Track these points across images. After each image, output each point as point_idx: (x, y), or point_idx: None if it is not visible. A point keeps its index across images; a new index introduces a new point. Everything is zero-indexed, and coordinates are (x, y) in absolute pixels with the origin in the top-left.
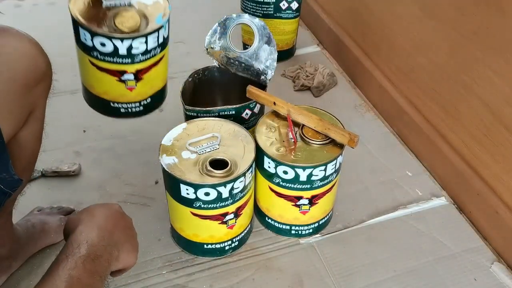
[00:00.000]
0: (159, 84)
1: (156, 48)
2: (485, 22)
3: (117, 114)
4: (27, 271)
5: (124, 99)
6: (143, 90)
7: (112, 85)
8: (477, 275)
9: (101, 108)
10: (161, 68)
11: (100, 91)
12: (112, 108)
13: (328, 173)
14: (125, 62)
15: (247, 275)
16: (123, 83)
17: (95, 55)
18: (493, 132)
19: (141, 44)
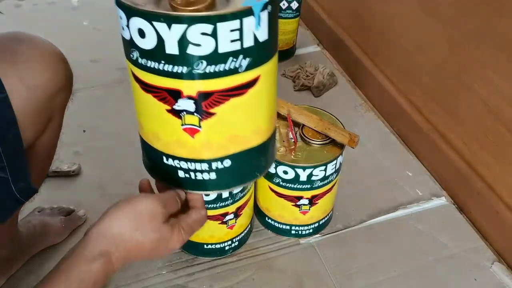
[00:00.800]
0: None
1: (333, 174)
2: (486, 21)
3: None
4: (27, 271)
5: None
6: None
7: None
8: (477, 275)
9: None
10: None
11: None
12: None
13: (328, 173)
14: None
15: (247, 275)
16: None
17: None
18: (493, 132)
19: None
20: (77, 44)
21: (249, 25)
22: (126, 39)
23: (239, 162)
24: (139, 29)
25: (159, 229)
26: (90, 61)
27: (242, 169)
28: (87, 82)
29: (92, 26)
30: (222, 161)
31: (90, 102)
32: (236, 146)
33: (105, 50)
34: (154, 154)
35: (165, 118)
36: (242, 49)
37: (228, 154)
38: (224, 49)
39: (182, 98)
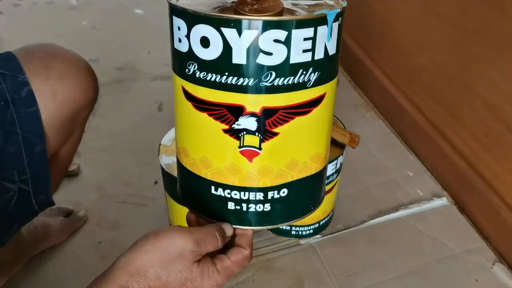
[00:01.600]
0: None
1: (334, 174)
2: (487, 21)
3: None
4: (27, 272)
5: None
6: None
7: None
8: (478, 276)
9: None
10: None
11: None
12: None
13: (329, 173)
14: None
15: (247, 276)
16: None
17: None
18: (494, 132)
19: None
20: (76, 44)
21: (322, 35)
22: (182, 52)
23: (296, 192)
24: (203, 37)
25: (188, 269)
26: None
27: (298, 200)
28: None
29: (91, 25)
30: (280, 190)
31: None
32: (294, 173)
33: (104, 50)
34: (200, 185)
35: (221, 140)
36: (312, 61)
37: (285, 182)
38: (296, 59)
39: (244, 116)
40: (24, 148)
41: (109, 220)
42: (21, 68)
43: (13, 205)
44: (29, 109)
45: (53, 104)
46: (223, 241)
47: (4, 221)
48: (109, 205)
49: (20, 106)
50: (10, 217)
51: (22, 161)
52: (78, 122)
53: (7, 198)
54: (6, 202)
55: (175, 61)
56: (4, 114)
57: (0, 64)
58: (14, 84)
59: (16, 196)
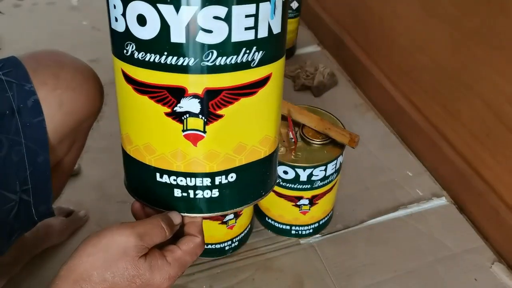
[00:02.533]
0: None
1: (333, 174)
2: (487, 21)
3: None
4: (28, 272)
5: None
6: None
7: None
8: (478, 276)
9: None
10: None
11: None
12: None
13: (329, 173)
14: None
15: (247, 275)
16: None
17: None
18: (494, 132)
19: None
20: (77, 44)
21: (264, 12)
22: (119, 32)
23: (246, 177)
24: (139, 15)
25: (134, 266)
26: (89, 61)
27: (248, 185)
28: None
29: (92, 25)
30: (227, 174)
31: None
32: (242, 157)
33: (105, 50)
34: (144, 172)
35: (163, 123)
36: (256, 40)
37: (233, 167)
38: (238, 37)
39: (186, 97)
40: (27, 158)
41: (109, 220)
42: (28, 76)
43: (13, 216)
44: (35, 119)
45: (59, 114)
46: (171, 231)
47: (4, 231)
48: (109, 205)
49: (26, 116)
50: (10, 227)
51: (24, 171)
52: (82, 132)
53: (8, 208)
54: (6, 213)
55: (113, 42)
56: (9, 123)
57: (7, 71)
58: (20, 93)
59: (16, 207)
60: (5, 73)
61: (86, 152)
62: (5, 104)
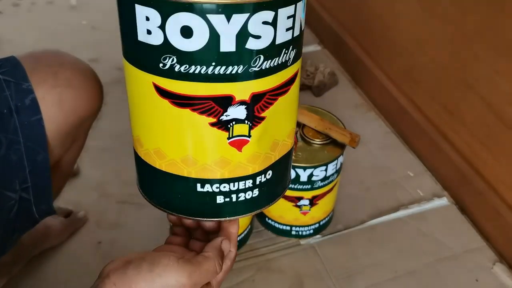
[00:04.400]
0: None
1: (334, 174)
2: (487, 21)
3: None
4: (27, 272)
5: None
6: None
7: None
8: (479, 276)
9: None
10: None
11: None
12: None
13: (329, 173)
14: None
15: (247, 276)
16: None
17: None
18: (495, 132)
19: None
20: (76, 44)
21: (299, 11)
22: (154, 45)
23: (278, 171)
24: (184, 27)
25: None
26: (89, 60)
27: (279, 178)
28: None
29: (91, 25)
30: (266, 173)
31: None
32: (276, 153)
33: (104, 50)
34: (182, 186)
35: (207, 134)
36: (292, 39)
37: (270, 164)
38: (281, 39)
39: (233, 105)
40: (26, 156)
41: (109, 220)
42: (25, 75)
43: (14, 214)
44: (32, 117)
45: (59, 113)
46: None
47: (5, 230)
48: (109, 205)
49: (23, 115)
50: (11, 226)
51: (23, 169)
52: (82, 131)
53: (8, 207)
54: (7, 211)
55: (141, 55)
56: (7, 122)
57: (5, 70)
58: (18, 92)
59: (17, 205)
60: (3, 72)
61: (86, 152)
62: (3, 103)
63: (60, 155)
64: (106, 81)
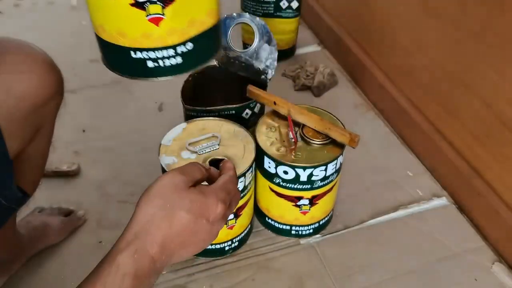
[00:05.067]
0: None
1: (333, 174)
2: (487, 21)
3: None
4: (27, 271)
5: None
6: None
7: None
8: (478, 276)
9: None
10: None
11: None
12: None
13: (329, 173)
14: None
15: (247, 276)
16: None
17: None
18: (494, 132)
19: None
20: (76, 44)
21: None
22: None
23: (199, 44)
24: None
25: (187, 194)
26: (90, 61)
27: (202, 49)
28: (86, 82)
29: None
30: (185, 44)
31: (90, 102)
32: (195, 29)
33: None
34: (121, 52)
35: (130, 12)
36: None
37: (190, 37)
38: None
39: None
40: None
41: (109, 220)
42: None
43: None
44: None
45: (9, 100)
46: (206, 170)
47: None
48: (109, 204)
49: None
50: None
51: None
52: (44, 117)
53: None
54: None
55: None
56: None
57: None
58: None
59: None
60: None
61: (86, 152)
62: None
63: (24, 143)
64: (106, 81)
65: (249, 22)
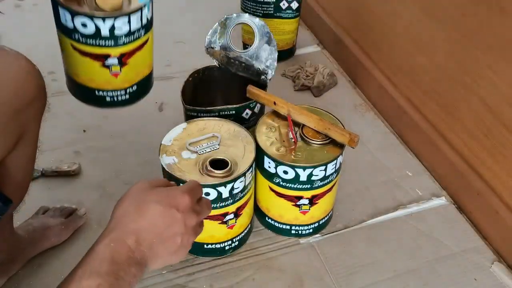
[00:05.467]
0: (145, 70)
1: (140, 30)
2: (486, 22)
3: (102, 104)
4: (27, 272)
5: (110, 86)
6: (128, 77)
7: (96, 71)
8: (477, 275)
9: (86, 97)
10: (146, 53)
11: (84, 79)
12: (97, 97)
13: (328, 173)
14: (108, 44)
15: (247, 275)
16: (107, 68)
17: (77, 38)
18: (493, 132)
19: (124, 24)
20: None
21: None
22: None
23: (140, 85)
24: (83, 23)
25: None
26: None
27: (142, 89)
28: None
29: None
30: (132, 87)
31: None
32: (139, 77)
33: None
34: (88, 90)
35: (98, 69)
36: (141, 26)
37: (135, 82)
38: (133, 28)
39: (111, 57)
40: None
41: None
42: None
43: None
44: None
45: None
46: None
47: None
48: (110, 204)
49: None
50: None
51: None
52: (26, 123)
53: None
54: None
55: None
56: None
57: None
58: None
59: None
60: None
61: (86, 152)
62: None
63: (5, 148)
64: None
65: (249, 22)
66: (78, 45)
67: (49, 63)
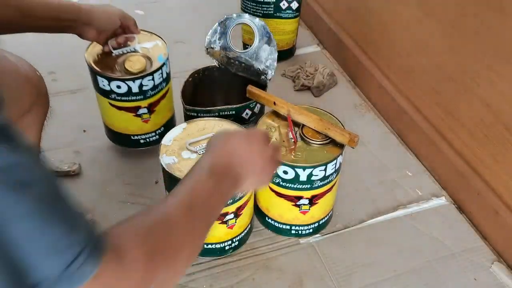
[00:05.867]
0: (168, 113)
1: (162, 83)
2: (486, 22)
3: (138, 146)
4: None
5: (142, 131)
6: (156, 121)
7: (131, 120)
8: (477, 275)
9: (123, 142)
10: (168, 100)
11: (121, 127)
12: (133, 141)
13: (328, 173)
14: (138, 98)
15: (247, 275)
16: (139, 117)
17: (113, 97)
18: (493, 132)
19: (149, 81)
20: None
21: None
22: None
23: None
24: (117, 85)
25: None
26: None
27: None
28: (87, 82)
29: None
30: (160, 128)
31: (90, 102)
32: (164, 120)
33: None
34: (124, 136)
35: (133, 119)
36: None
37: (162, 125)
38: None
39: (141, 108)
40: None
41: (110, 220)
42: None
43: None
44: None
45: None
46: None
47: None
48: (110, 204)
49: None
50: None
51: None
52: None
53: None
54: None
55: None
56: None
57: None
58: None
59: None
60: None
61: (87, 152)
62: None
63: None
64: None
65: (249, 22)
66: (115, 102)
67: (49, 63)
